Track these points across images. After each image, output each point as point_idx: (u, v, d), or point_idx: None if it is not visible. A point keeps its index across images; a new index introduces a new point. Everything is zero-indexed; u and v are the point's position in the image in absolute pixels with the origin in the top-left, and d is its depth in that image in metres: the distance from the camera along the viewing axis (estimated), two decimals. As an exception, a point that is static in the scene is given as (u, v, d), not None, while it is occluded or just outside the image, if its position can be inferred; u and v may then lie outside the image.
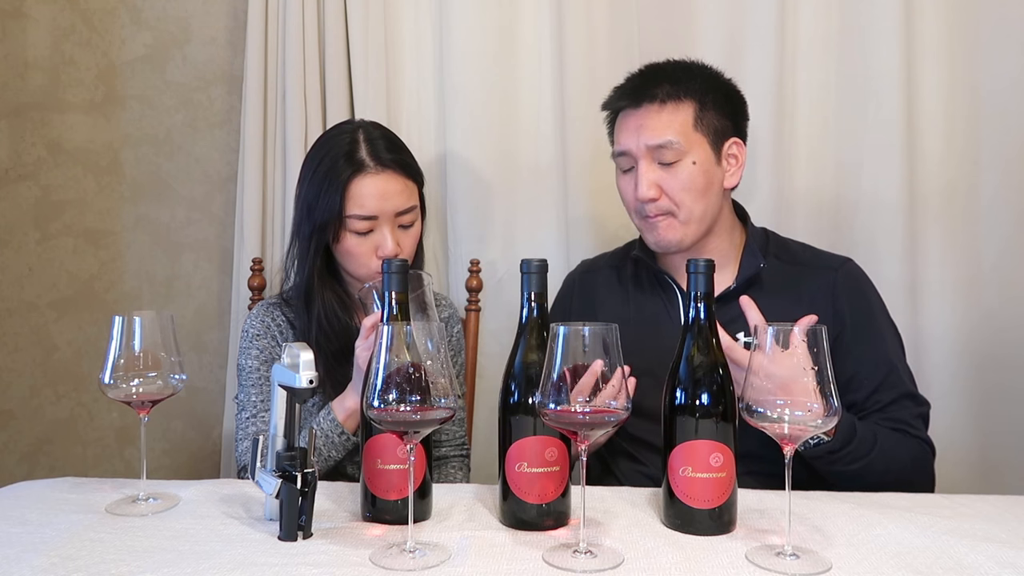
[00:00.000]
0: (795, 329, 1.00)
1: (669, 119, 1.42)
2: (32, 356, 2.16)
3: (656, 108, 1.42)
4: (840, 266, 1.49)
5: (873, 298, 1.49)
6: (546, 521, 1.10)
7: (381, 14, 1.97)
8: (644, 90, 1.45)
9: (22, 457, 2.17)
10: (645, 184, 1.42)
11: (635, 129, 1.44)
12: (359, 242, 1.48)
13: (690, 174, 1.41)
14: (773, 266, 1.48)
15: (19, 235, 2.14)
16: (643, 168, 1.43)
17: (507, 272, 1.99)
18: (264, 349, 1.52)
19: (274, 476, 1.06)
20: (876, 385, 1.40)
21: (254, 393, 1.50)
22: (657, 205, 1.43)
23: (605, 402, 0.98)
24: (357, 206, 1.45)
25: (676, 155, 1.41)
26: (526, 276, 1.12)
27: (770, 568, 0.96)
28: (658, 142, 1.41)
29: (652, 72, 1.49)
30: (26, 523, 1.11)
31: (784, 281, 1.47)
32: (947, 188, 1.94)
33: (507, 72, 1.98)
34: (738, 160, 1.47)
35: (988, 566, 0.97)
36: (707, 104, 1.43)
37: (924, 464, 1.41)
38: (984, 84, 1.93)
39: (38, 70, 2.13)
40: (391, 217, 1.48)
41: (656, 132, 1.41)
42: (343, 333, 1.50)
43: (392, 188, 1.48)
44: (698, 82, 1.44)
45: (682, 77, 1.45)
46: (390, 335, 0.97)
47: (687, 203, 1.42)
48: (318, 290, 1.51)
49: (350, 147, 1.48)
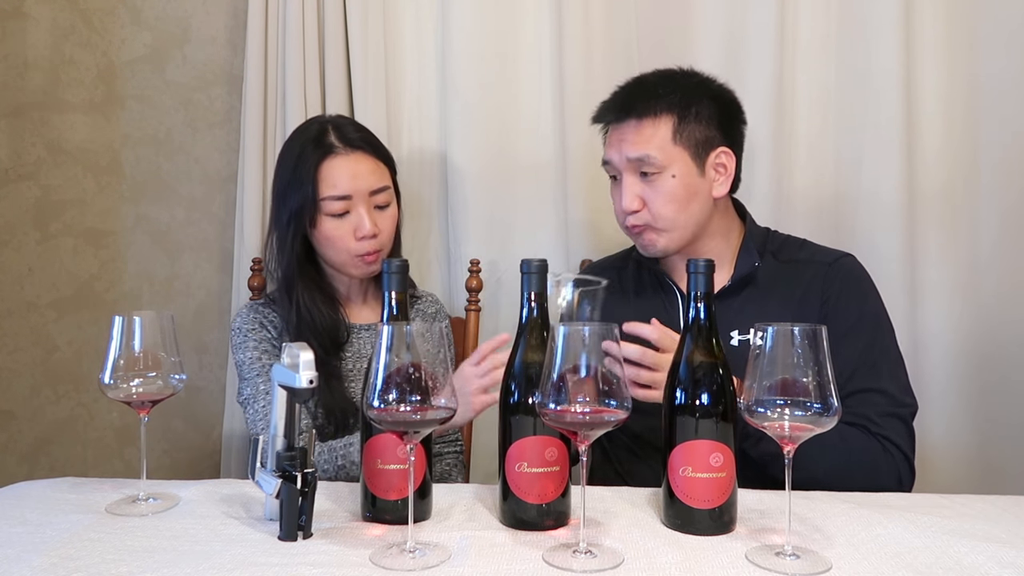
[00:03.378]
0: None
1: (648, 134, 1.43)
2: (32, 356, 2.16)
3: (634, 124, 1.45)
4: (835, 260, 1.49)
5: (866, 293, 1.47)
6: (546, 521, 1.10)
7: (381, 14, 1.97)
8: (624, 105, 1.47)
9: (22, 457, 2.17)
10: (628, 197, 1.45)
11: (617, 143, 1.47)
12: (336, 225, 1.49)
13: (670, 187, 1.43)
14: (769, 264, 1.49)
15: (19, 235, 2.14)
16: (626, 181, 1.46)
17: (507, 272, 1.99)
18: (261, 340, 1.52)
19: (274, 476, 1.06)
20: (846, 377, 1.34)
21: (261, 382, 1.49)
22: (638, 216, 1.46)
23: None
24: (330, 187, 1.48)
25: (655, 169, 1.43)
26: (526, 276, 1.12)
27: (770, 568, 0.96)
28: (636, 155, 1.43)
29: (633, 87, 1.50)
30: (26, 523, 1.11)
31: (779, 278, 1.47)
32: (946, 187, 1.94)
33: (507, 72, 1.98)
34: (727, 169, 1.47)
35: (988, 566, 0.97)
36: (688, 117, 1.44)
37: (879, 466, 1.33)
38: (983, 83, 1.93)
39: (38, 70, 2.13)
40: (365, 196, 1.50)
41: (635, 146, 1.44)
42: (328, 325, 1.51)
43: (363, 168, 1.51)
44: (679, 94, 1.45)
45: (662, 91, 1.45)
46: (390, 335, 0.97)
47: (668, 215, 1.44)
48: (299, 279, 1.52)
49: (318, 134, 1.52)
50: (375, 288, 1.63)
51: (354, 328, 1.58)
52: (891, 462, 1.34)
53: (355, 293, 1.62)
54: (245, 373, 1.52)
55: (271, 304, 1.58)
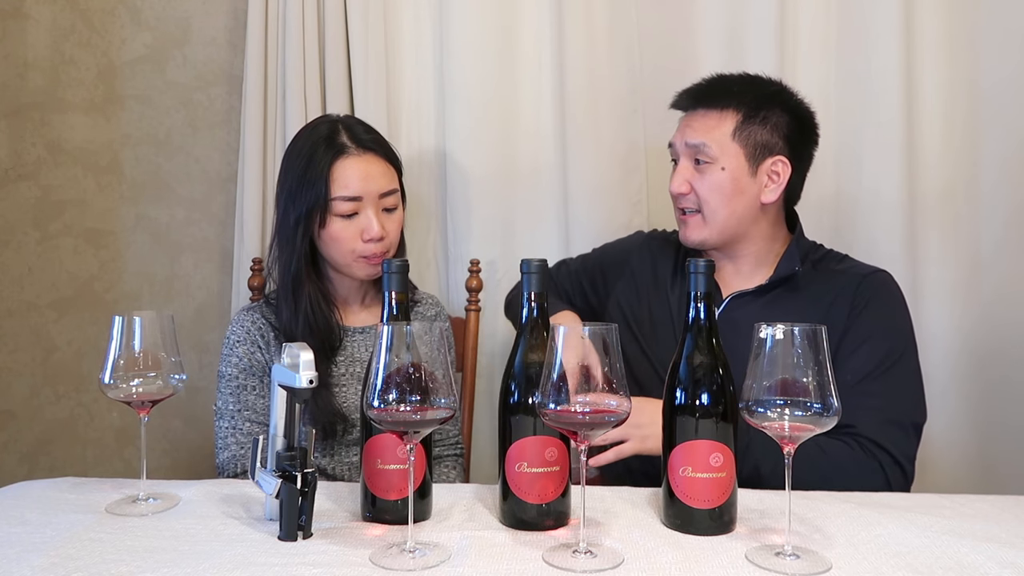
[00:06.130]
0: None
1: (711, 125, 1.49)
2: (32, 356, 2.16)
3: (701, 113, 1.51)
4: (870, 273, 1.49)
5: (893, 308, 1.46)
6: (546, 521, 1.10)
7: (381, 14, 1.97)
8: (698, 95, 1.54)
9: (22, 457, 2.17)
10: (678, 180, 1.52)
11: (683, 128, 1.53)
12: (344, 226, 1.49)
13: (718, 179, 1.48)
14: (808, 271, 1.51)
15: (19, 235, 2.14)
16: (681, 165, 1.53)
17: (507, 272, 1.99)
18: (243, 356, 1.52)
19: (274, 476, 1.06)
20: (857, 380, 1.35)
21: (232, 401, 1.50)
22: (687, 199, 1.51)
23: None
24: (342, 187, 1.47)
25: (708, 159, 1.48)
26: (526, 276, 1.12)
27: (770, 568, 0.96)
28: (694, 142, 1.49)
29: (714, 80, 1.56)
30: (26, 523, 1.11)
31: (813, 284, 1.49)
32: (946, 187, 1.94)
33: (507, 72, 1.98)
34: (780, 177, 1.50)
35: (988, 566, 0.97)
36: (754, 119, 1.48)
37: (864, 473, 1.32)
38: (983, 83, 1.93)
39: (38, 70, 2.13)
40: (375, 199, 1.49)
41: (696, 133, 1.50)
42: (326, 328, 1.51)
43: (374, 169, 1.50)
44: (751, 96, 1.49)
45: (736, 89, 1.51)
46: (390, 335, 0.97)
47: (712, 203, 1.49)
48: (306, 279, 1.51)
49: (330, 134, 1.51)
50: (375, 291, 1.63)
51: (349, 331, 1.57)
52: (876, 468, 1.33)
53: (354, 295, 1.61)
54: (221, 387, 1.52)
55: (268, 306, 1.56)
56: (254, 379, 1.51)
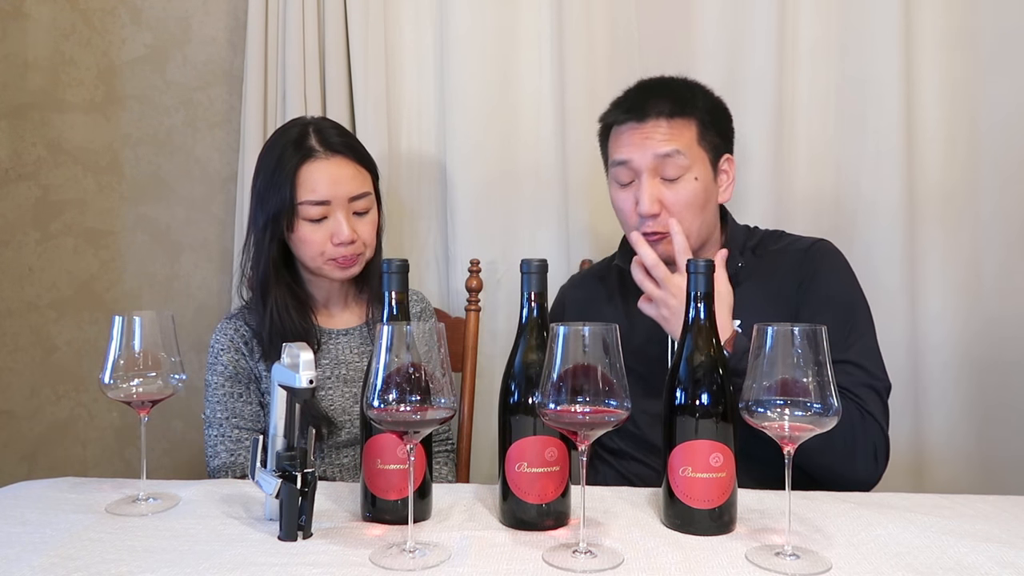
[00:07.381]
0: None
1: (676, 132, 1.43)
2: (32, 356, 2.16)
3: (664, 122, 1.43)
4: (809, 246, 1.50)
5: (839, 272, 1.46)
6: (546, 521, 1.10)
7: (381, 14, 1.98)
8: (650, 104, 1.45)
9: (22, 457, 2.17)
10: (648, 200, 1.42)
11: (640, 141, 1.43)
12: (313, 229, 1.47)
13: (692, 190, 1.43)
14: (749, 262, 1.50)
15: (19, 235, 2.14)
16: (646, 183, 1.43)
17: (507, 272, 1.99)
18: (228, 364, 1.51)
19: (274, 476, 1.06)
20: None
21: (219, 409, 1.50)
22: (658, 221, 1.43)
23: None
24: (308, 191, 1.46)
25: (680, 169, 1.42)
26: (526, 276, 1.12)
27: (770, 568, 0.96)
28: (665, 151, 1.41)
29: (656, 87, 1.50)
30: (26, 523, 1.11)
31: (758, 273, 1.48)
32: (947, 192, 1.94)
33: (507, 73, 1.98)
34: (729, 175, 1.51)
35: (988, 566, 0.97)
36: (707, 122, 1.46)
37: (856, 434, 1.30)
38: (984, 89, 1.93)
39: (38, 70, 2.13)
40: (344, 203, 1.48)
41: (666, 142, 1.42)
42: (295, 332, 1.48)
43: (343, 173, 1.48)
44: (699, 100, 1.47)
45: (685, 94, 1.47)
46: (390, 335, 0.97)
47: (686, 220, 1.43)
48: (274, 283, 1.50)
49: (299, 137, 1.49)
50: (356, 292, 1.61)
51: (332, 333, 1.56)
52: (868, 431, 1.32)
53: (335, 298, 1.59)
54: (209, 395, 1.52)
55: (248, 311, 1.55)
56: (240, 386, 1.51)
